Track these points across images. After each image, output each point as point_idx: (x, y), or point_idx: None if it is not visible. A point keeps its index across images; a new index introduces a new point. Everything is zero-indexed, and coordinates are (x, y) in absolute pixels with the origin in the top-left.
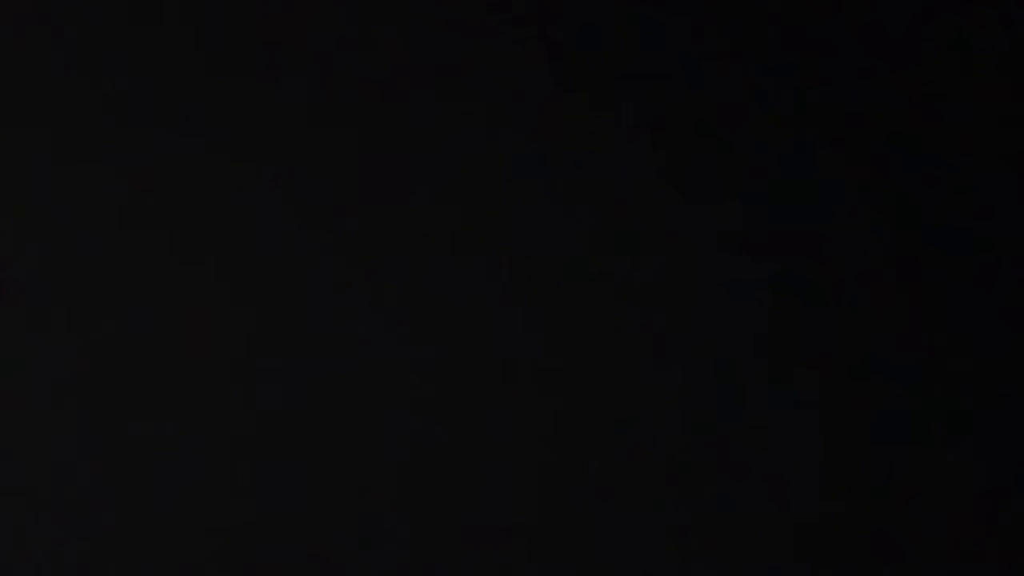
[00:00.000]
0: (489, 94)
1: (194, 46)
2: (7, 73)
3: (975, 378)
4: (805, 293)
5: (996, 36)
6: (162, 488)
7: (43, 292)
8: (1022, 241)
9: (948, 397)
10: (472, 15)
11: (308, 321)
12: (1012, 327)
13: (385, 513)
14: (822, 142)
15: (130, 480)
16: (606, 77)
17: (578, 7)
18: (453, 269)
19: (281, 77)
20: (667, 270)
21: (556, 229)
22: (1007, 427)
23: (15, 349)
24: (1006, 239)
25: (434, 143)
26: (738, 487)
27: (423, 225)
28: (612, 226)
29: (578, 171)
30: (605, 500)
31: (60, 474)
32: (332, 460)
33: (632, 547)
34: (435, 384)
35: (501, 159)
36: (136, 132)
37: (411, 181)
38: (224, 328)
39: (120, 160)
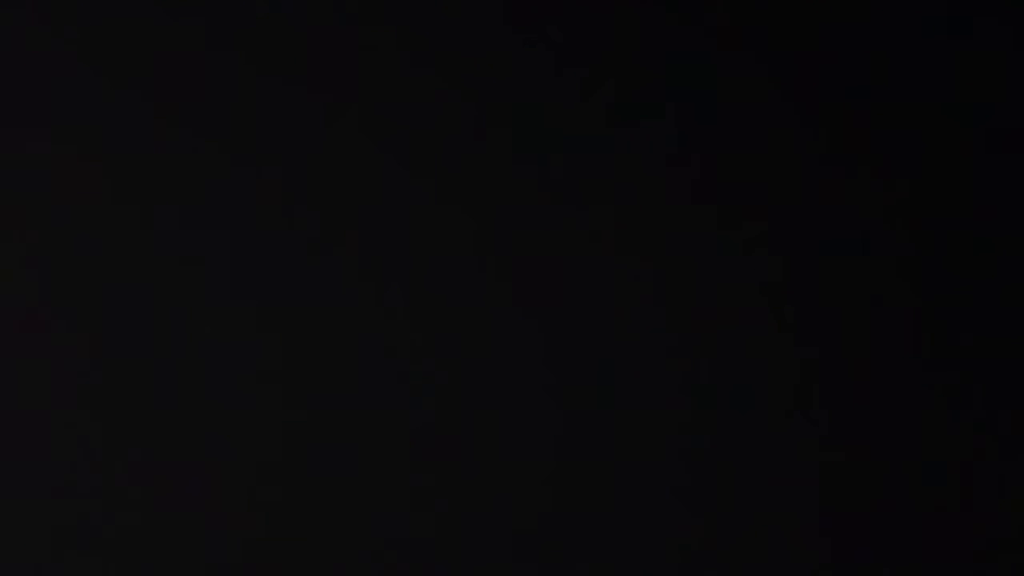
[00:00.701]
0: (489, 94)
1: (194, 46)
2: (8, 73)
3: (975, 377)
4: (805, 293)
5: (997, 36)
6: (161, 489)
7: (43, 292)
8: (1022, 241)
9: (948, 396)
10: (472, 15)
11: (308, 321)
12: (1012, 327)
13: (386, 514)
14: (823, 142)
15: (129, 481)
16: (606, 77)
17: (578, 7)
18: (453, 269)
19: (281, 77)
20: (667, 270)
21: (556, 229)
22: (1007, 427)
23: (15, 349)
24: (1006, 239)
25: (434, 143)
26: (738, 488)
27: (423, 225)
28: (612, 226)
29: (579, 171)
30: (606, 501)
31: (60, 474)
32: (332, 460)
33: (633, 547)
34: (435, 384)
35: (501, 159)
36: (136, 132)
37: (411, 181)
38: (224, 328)
39: (120, 160)
